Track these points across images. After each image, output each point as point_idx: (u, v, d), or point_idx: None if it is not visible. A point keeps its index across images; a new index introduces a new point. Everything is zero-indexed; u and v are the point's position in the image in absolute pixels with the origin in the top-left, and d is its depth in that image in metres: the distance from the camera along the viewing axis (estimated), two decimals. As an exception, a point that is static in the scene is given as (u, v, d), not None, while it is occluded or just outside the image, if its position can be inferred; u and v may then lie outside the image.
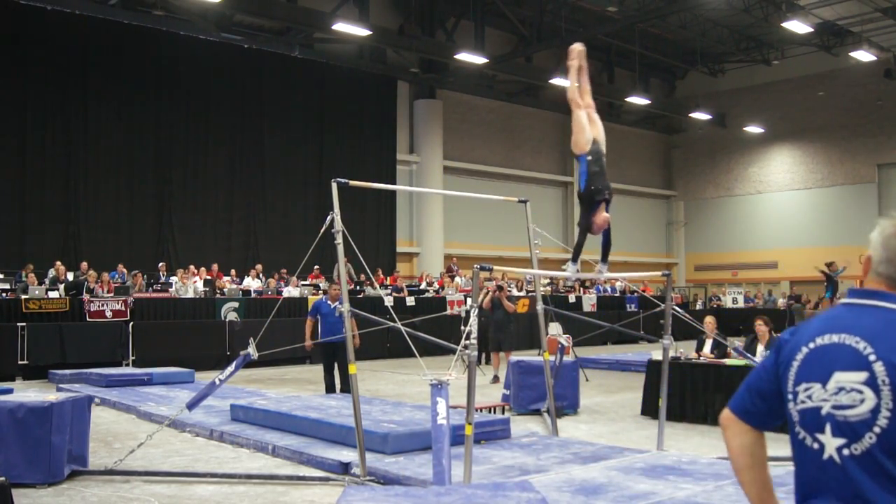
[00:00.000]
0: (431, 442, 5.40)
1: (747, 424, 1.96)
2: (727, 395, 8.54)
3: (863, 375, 1.75)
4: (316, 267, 19.75)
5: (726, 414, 2.00)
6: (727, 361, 9.03)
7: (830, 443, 1.78)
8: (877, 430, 1.72)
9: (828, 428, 1.78)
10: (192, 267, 18.28)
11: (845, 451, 1.75)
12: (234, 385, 11.35)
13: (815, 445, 1.80)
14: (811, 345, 1.86)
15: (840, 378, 1.78)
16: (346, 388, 8.59)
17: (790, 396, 1.87)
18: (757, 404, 1.96)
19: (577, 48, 6.30)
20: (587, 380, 12.52)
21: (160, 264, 18.83)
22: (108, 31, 19.78)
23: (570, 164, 31.67)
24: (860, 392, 1.74)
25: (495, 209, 25.74)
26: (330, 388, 10.22)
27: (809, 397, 1.82)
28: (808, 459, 1.82)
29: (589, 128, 6.13)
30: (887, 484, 1.70)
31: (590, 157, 6.06)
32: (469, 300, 14.12)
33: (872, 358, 1.75)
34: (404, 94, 26.50)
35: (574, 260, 6.42)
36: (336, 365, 10.12)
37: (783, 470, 6.05)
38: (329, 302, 10.48)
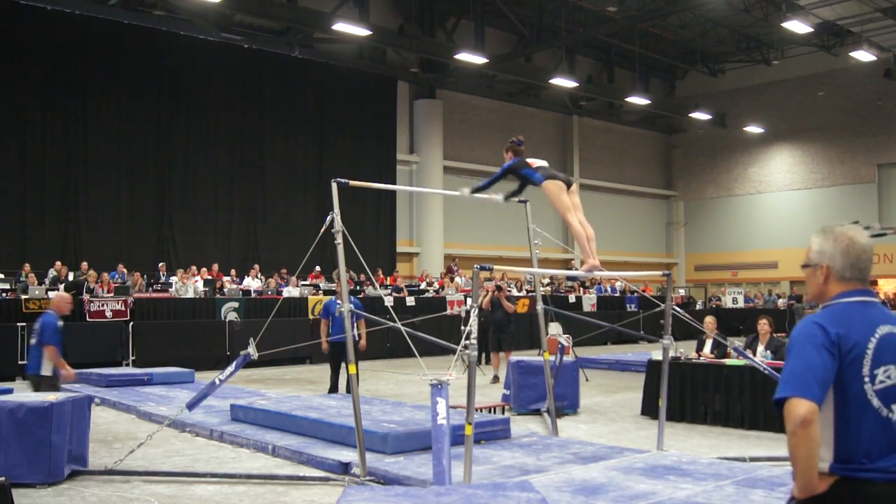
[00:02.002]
0: (431, 442, 5.40)
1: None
2: (727, 395, 8.65)
3: None
4: (317, 267, 19.76)
5: (811, 407, 2.07)
6: (727, 361, 9.03)
7: None
8: None
9: None
10: (192, 267, 18.30)
11: None
12: (234, 385, 11.35)
13: (893, 416, 2.18)
14: (877, 334, 2.20)
15: None
16: (352, 388, 8.58)
17: (866, 379, 2.16)
18: (825, 395, 2.14)
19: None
20: (587, 380, 12.52)
21: (160, 264, 18.84)
22: (108, 31, 19.78)
23: (569, 163, 31.71)
24: None
25: (495, 209, 25.74)
26: (334, 389, 10.20)
27: (889, 377, 2.18)
28: (880, 428, 2.16)
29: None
30: None
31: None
32: (469, 300, 14.12)
33: None
34: (404, 94, 26.50)
35: (474, 190, 6.75)
36: (344, 365, 10.08)
37: (781, 470, 6.09)
38: (339, 302, 10.47)
